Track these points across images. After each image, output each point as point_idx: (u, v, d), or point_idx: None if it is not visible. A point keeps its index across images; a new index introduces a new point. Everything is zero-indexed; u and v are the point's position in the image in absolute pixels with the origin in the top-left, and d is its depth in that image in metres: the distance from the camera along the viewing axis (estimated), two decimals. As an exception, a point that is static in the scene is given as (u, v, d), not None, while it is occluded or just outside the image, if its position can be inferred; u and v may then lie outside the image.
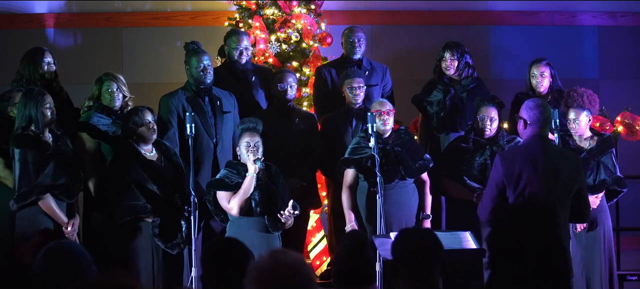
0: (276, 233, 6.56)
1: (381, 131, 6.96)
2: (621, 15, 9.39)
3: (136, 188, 6.45)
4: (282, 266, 3.11)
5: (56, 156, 6.36)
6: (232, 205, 6.46)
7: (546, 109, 5.61)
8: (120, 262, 6.44)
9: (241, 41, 7.47)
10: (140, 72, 8.85)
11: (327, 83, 7.73)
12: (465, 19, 9.24)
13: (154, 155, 6.65)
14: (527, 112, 5.59)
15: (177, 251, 6.50)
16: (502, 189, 5.52)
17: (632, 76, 9.38)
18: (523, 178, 5.47)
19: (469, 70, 7.68)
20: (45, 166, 6.29)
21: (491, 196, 5.57)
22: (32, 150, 6.27)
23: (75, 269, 3.48)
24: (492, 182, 5.60)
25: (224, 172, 6.59)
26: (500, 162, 5.54)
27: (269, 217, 6.50)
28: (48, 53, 7.18)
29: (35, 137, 6.31)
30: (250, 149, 6.50)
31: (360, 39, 7.72)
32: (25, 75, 7.06)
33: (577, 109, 6.99)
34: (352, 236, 4.73)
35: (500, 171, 5.50)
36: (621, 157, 7.56)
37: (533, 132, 5.57)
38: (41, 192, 6.27)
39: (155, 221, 6.45)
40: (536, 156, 5.50)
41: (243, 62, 7.47)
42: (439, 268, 3.80)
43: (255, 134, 6.55)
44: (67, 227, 6.37)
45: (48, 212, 6.32)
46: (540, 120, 5.56)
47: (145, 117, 6.57)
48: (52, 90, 6.90)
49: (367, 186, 6.94)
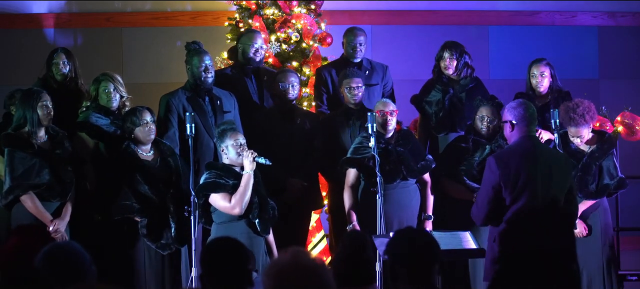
0: (265, 235, 6.51)
1: (384, 131, 6.95)
2: (621, 15, 9.39)
3: (127, 188, 6.47)
4: (302, 266, 3.15)
5: (43, 155, 6.40)
6: (234, 204, 6.34)
7: (529, 106, 5.59)
8: (115, 261, 6.48)
9: (256, 39, 7.51)
10: (140, 72, 8.85)
11: (327, 84, 7.72)
12: (465, 19, 9.24)
13: (151, 155, 6.66)
14: (511, 112, 5.56)
15: (167, 251, 6.52)
16: (498, 191, 5.49)
17: (632, 76, 9.38)
18: (521, 178, 5.45)
19: (467, 70, 7.68)
20: (30, 166, 6.36)
21: (487, 199, 5.54)
22: (19, 149, 6.37)
23: (75, 270, 3.48)
24: (487, 185, 5.56)
25: (211, 174, 6.44)
26: (495, 163, 5.50)
27: (260, 220, 6.46)
28: (61, 53, 7.25)
29: (23, 137, 6.38)
30: (241, 149, 6.42)
31: (362, 43, 7.71)
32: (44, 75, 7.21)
33: (578, 128, 6.89)
34: (352, 236, 4.74)
35: (496, 173, 5.47)
36: (621, 157, 7.55)
37: (522, 132, 5.53)
38: (23, 191, 6.36)
39: (143, 221, 6.47)
40: (531, 156, 5.49)
41: (257, 60, 7.50)
42: (437, 268, 3.80)
43: (237, 133, 6.51)
44: (49, 226, 6.38)
45: (31, 211, 6.39)
46: (526, 117, 5.53)
47: (143, 117, 6.57)
48: (68, 90, 6.96)
49: (368, 185, 6.93)
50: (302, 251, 3.36)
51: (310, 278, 3.15)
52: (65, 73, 7.21)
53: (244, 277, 3.71)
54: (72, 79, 7.25)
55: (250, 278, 3.73)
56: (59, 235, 6.37)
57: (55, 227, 6.40)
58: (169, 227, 6.51)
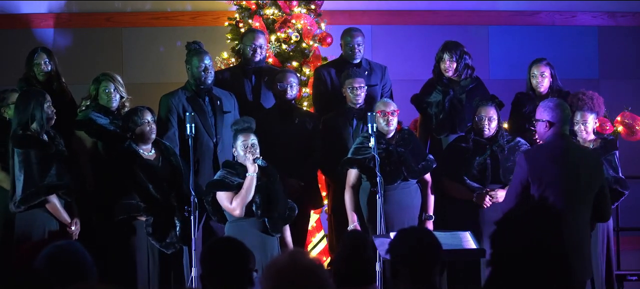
0: (276, 235, 6.55)
1: (385, 131, 6.95)
2: (621, 15, 9.39)
3: (131, 187, 6.47)
4: (300, 267, 3.15)
5: (57, 155, 6.35)
6: (234, 206, 6.43)
7: (565, 107, 5.66)
8: (117, 261, 6.47)
9: (256, 39, 7.51)
10: (140, 72, 8.85)
11: (326, 84, 7.72)
12: (465, 19, 9.24)
13: (153, 155, 6.66)
14: (549, 113, 5.60)
15: (172, 250, 6.51)
16: (526, 187, 5.54)
17: (632, 76, 9.39)
18: (547, 176, 5.49)
19: (468, 71, 7.66)
20: (49, 166, 6.27)
21: (515, 194, 5.61)
22: (35, 150, 6.25)
23: (76, 270, 3.47)
24: (516, 180, 5.63)
25: (222, 172, 6.57)
26: (524, 160, 5.57)
27: (270, 219, 6.49)
28: (42, 53, 7.14)
29: (37, 137, 6.29)
30: (248, 149, 6.48)
31: (360, 44, 7.70)
32: (25, 75, 7.10)
33: (585, 111, 6.99)
34: (352, 235, 4.74)
35: (525, 169, 5.53)
36: (621, 157, 7.55)
37: (556, 131, 5.59)
38: (48, 192, 6.26)
39: (149, 220, 6.46)
40: (559, 154, 5.53)
41: (256, 60, 7.50)
42: (439, 268, 3.80)
43: (249, 133, 6.54)
44: (70, 226, 6.37)
45: (53, 212, 6.32)
46: (562, 118, 5.60)
47: (144, 117, 6.58)
48: (51, 91, 6.88)
49: (369, 186, 6.94)
50: (300, 251, 3.37)
51: (308, 279, 3.16)
52: (47, 72, 7.15)
53: (245, 277, 3.71)
54: (54, 79, 7.20)
55: (251, 278, 3.73)
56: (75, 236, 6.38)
57: (77, 227, 6.39)
58: (174, 226, 6.51)
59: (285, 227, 6.68)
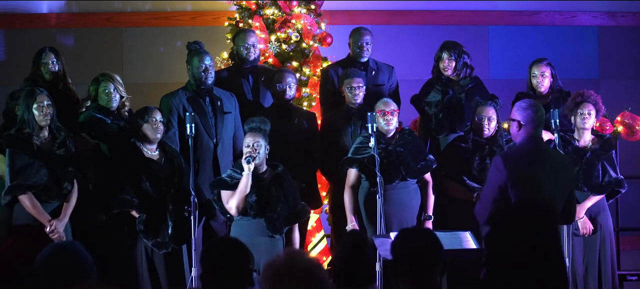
0: (279, 235, 6.55)
1: (384, 130, 6.95)
2: (621, 15, 9.40)
3: (128, 183, 6.48)
4: (298, 267, 3.15)
5: (42, 156, 6.41)
6: (230, 205, 6.46)
7: (539, 108, 5.57)
8: (116, 262, 6.48)
9: (248, 38, 7.51)
10: (140, 72, 8.85)
11: (334, 83, 7.72)
12: (465, 19, 9.24)
13: (157, 154, 6.68)
14: (520, 113, 5.53)
15: (163, 250, 6.52)
16: (504, 191, 5.48)
17: (632, 76, 9.39)
18: (527, 179, 5.44)
19: (467, 71, 7.66)
20: (29, 166, 6.38)
21: (492, 198, 5.52)
22: (18, 150, 6.39)
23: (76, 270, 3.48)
24: (493, 184, 5.54)
25: (228, 171, 6.62)
26: (502, 163, 5.48)
27: (266, 219, 6.48)
28: (50, 53, 7.19)
29: (24, 138, 6.40)
30: (247, 149, 6.49)
31: (368, 43, 7.71)
32: (31, 74, 7.17)
33: (589, 103, 6.97)
34: (352, 236, 4.73)
35: (504, 172, 5.44)
36: (621, 157, 7.56)
37: (529, 133, 5.51)
38: (21, 191, 6.38)
39: (141, 217, 6.47)
40: (537, 157, 5.48)
41: (252, 59, 7.50)
42: (440, 268, 3.80)
43: (257, 134, 6.55)
44: (47, 226, 6.39)
45: (29, 211, 6.41)
46: (535, 120, 5.50)
47: (153, 116, 6.61)
48: (57, 91, 6.94)
49: (368, 185, 6.94)
50: (299, 251, 3.37)
51: (307, 279, 3.16)
52: (55, 71, 7.18)
53: (244, 277, 3.71)
54: (61, 79, 7.23)
55: (251, 278, 3.73)
56: (56, 235, 6.38)
57: (53, 227, 6.40)
58: (167, 225, 6.51)
59: (294, 228, 6.67)
